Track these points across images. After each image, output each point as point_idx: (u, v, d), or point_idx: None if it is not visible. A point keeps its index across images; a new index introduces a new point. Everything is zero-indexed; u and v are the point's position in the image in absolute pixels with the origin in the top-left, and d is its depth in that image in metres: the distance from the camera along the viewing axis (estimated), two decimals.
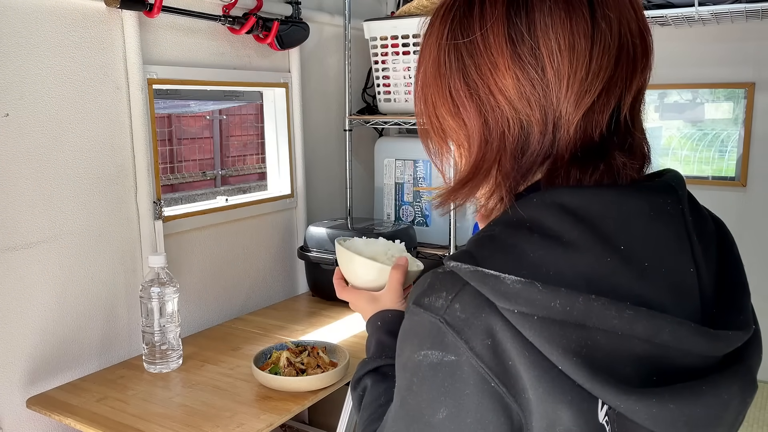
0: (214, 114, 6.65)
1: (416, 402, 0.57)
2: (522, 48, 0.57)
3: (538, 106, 0.57)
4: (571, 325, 0.51)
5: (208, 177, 6.61)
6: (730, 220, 0.62)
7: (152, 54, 1.59)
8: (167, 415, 1.27)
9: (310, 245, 1.97)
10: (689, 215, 0.59)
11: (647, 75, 0.61)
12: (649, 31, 0.61)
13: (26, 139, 1.35)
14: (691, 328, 0.52)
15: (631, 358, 0.52)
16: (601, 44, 0.56)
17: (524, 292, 0.51)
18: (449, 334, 0.54)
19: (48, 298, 1.42)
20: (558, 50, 0.56)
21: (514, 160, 0.60)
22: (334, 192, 2.32)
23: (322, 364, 1.43)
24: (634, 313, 0.51)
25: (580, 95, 0.56)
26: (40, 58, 1.36)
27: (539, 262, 0.53)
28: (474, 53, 0.59)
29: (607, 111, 0.58)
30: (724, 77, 2.16)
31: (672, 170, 0.63)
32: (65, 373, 1.47)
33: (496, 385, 0.53)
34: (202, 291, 1.80)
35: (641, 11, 0.60)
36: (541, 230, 0.54)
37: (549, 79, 0.57)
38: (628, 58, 0.58)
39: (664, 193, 0.58)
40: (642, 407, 0.51)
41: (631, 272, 0.53)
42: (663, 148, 2.33)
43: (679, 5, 1.82)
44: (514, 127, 0.59)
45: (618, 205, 0.55)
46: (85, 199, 1.48)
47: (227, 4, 1.72)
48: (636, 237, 0.55)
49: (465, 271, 0.54)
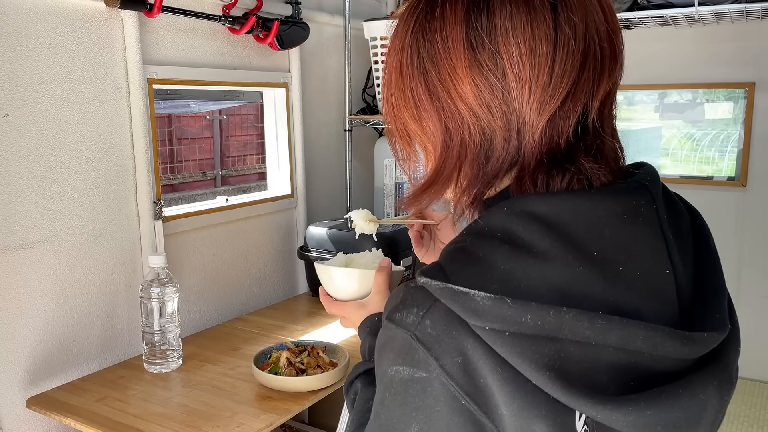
0: (214, 114, 6.65)
1: (388, 416, 0.57)
2: (482, 53, 0.55)
3: (500, 113, 0.56)
4: (543, 339, 0.50)
5: (208, 177, 6.61)
6: (730, 220, 0.62)
7: (152, 54, 1.59)
8: (167, 415, 1.27)
9: (310, 245, 1.97)
10: (664, 214, 0.58)
11: (616, 78, 0.59)
12: (619, 33, 0.59)
13: (26, 139, 1.35)
14: (666, 333, 0.51)
15: (606, 366, 0.51)
16: (564, 49, 0.55)
17: (494, 309, 0.50)
18: (420, 350, 0.53)
19: (48, 298, 1.42)
20: (519, 55, 0.55)
21: (478, 166, 0.59)
22: (334, 192, 2.32)
23: (322, 364, 1.43)
24: (606, 322, 0.50)
25: (544, 101, 0.55)
26: (40, 58, 1.36)
27: (510, 275, 0.52)
28: (434, 58, 0.58)
29: (573, 116, 0.57)
30: (724, 77, 2.16)
31: (646, 164, 0.62)
32: (65, 373, 1.47)
33: (467, 402, 0.52)
34: (202, 291, 1.80)
35: (611, 14, 0.59)
36: (512, 240, 0.54)
37: (510, 84, 0.55)
38: (594, 62, 0.56)
39: (638, 194, 0.57)
40: (619, 416, 0.50)
41: (605, 279, 0.52)
42: (663, 148, 2.34)
43: (679, 5, 1.82)
44: (475, 134, 0.58)
45: (589, 210, 0.54)
46: (85, 199, 1.48)
47: (227, 4, 1.72)
48: (609, 242, 0.54)
49: (435, 288, 0.53)
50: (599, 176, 0.57)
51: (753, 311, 2.22)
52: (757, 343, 2.22)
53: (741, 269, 2.21)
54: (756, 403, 2.12)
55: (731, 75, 2.14)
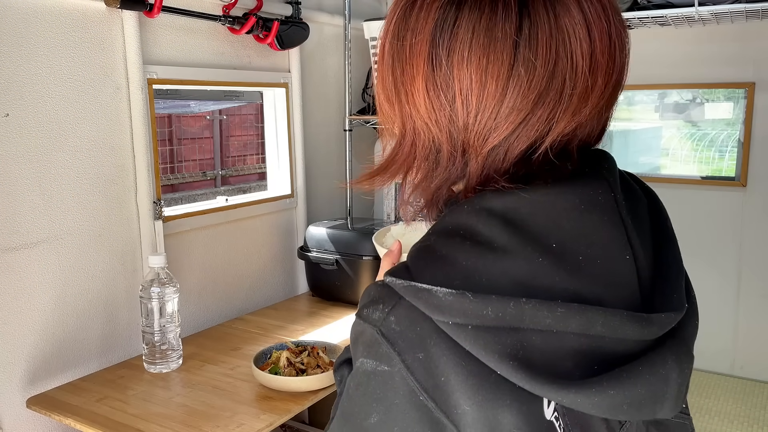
0: (214, 114, 6.66)
1: (351, 405, 0.60)
2: (438, 72, 0.56)
3: (446, 131, 0.58)
4: (505, 330, 0.52)
5: (208, 177, 6.61)
6: (730, 220, 0.62)
7: (152, 54, 1.59)
8: (167, 415, 1.27)
9: (310, 245, 1.97)
10: (622, 200, 0.59)
11: (585, 116, 0.57)
12: (606, 69, 0.56)
13: (26, 139, 1.35)
14: (624, 317, 0.53)
15: (569, 353, 0.53)
16: (516, 89, 0.54)
17: (456, 304, 0.52)
18: (384, 344, 0.55)
19: (48, 298, 1.42)
20: (469, 85, 0.55)
21: (428, 168, 0.61)
22: (334, 192, 2.32)
23: (322, 364, 1.43)
24: (566, 310, 0.51)
25: (487, 131, 0.56)
26: (40, 58, 1.36)
27: (471, 271, 0.54)
28: (402, 59, 0.59)
29: (521, 146, 0.56)
30: (724, 77, 2.16)
31: (602, 152, 0.63)
32: (65, 373, 1.47)
33: (425, 399, 0.54)
34: (202, 291, 1.80)
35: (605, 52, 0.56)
36: (473, 237, 0.55)
37: (458, 109, 0.56)
38: (556, 100, 0.54)
39: (595, 183, 0.58)
40: (583, 398, 0.52)
41: (565, 269, 0.54)
42: (663, 148, 2.34)
43: (679, 5, 1.82)
44: (425, 139, 0.59)
45: (547, 204, 0.56)
46: (85, 199, 1.48)
47: (227, 4, 1.72)
48: (568, 233, 0.55)
49: (399, 287, 0.55)
50: (556, 174, 0.57)
51: (753, 311, 2.22)
52: (757, 343, 2.22)
53: (741, 269, 2.21)
54: (756, 403, 2.12)
55: (731, 75, 2.14)
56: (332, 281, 1.92)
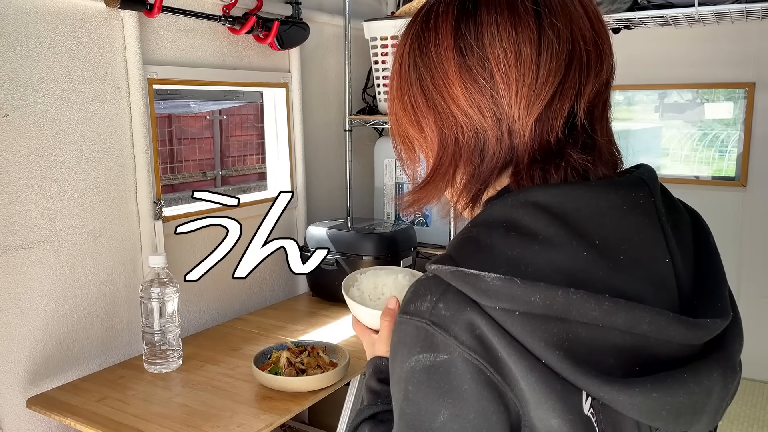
0: (214, 114, 6.65)
1: (414, 410, 0.56)
2: (471, 58, 0.59)
3: (489, 113, 0.60)
4: (552, 319, 0.52)
5: (208, 177, 6.61)
6: (730, 220, 0.62)
7: (152, 54, 1.59)
8: (167, 415, 1.27)
9: (310, 245, 1.97)
10: (662, 207, 0.60)
11: (604, 79, 0.62)
12: (605, 38, 0.62)
13: (26, 139, 1.35)
14: (670, 318, 0.53)
15: (612, 349, 0.53)
16: (548, 51, 0.58)
17: (504, 289, 0.52)
18: (438, 334, 0.54)
19: (48, 298, 1.42)
20: (505, 58, 0.58)
21: (474, 165, 0.62)
22: (334, 192, 2.32)
23: (322, 364, 1.43)
24: (612, 304, 0.52)
25: (531, 100, 0.58)
26: (40, 58, 1.36)
27: (517, 260, 0.54)
28: (428, 65, 0.62)
29: (561, 115, 0.59)
30: (724, 77, 2.16)
31: (644, 165, 0.65)
32: (65, 373, 1.47)
33: (491, 374, 0.53)
34: (202, 291, 1.80)
35: (598, 20, 0.62)
36: (517, 229, 0.56)
37: (498, 86, 0.59)
38: (580, 64, 0.59)
39: (637, 187, 0.59)
40: (625, 397, 0.51)
41: (607, 265, 0.54)
42: (663, 148, 2.34)
43: (679, 5, 1.81)
44: (468, 134, 0.61)
45: (591, 200, 0.56)
46: (85, 199, 1.48)
47: (227, 4, 1.72)
48: (610, 231, 0.56)
49: (446, 273, 0.55)
50: (594, 170, 0.60)
51: (753, 311, 2.22)
52: (757, 343, 2.22)
53: (741, 269, 2.21)
54: (756, 403, 2.12)
55: (731, 75, 2.14)
56: (332, 281, 1.92)
